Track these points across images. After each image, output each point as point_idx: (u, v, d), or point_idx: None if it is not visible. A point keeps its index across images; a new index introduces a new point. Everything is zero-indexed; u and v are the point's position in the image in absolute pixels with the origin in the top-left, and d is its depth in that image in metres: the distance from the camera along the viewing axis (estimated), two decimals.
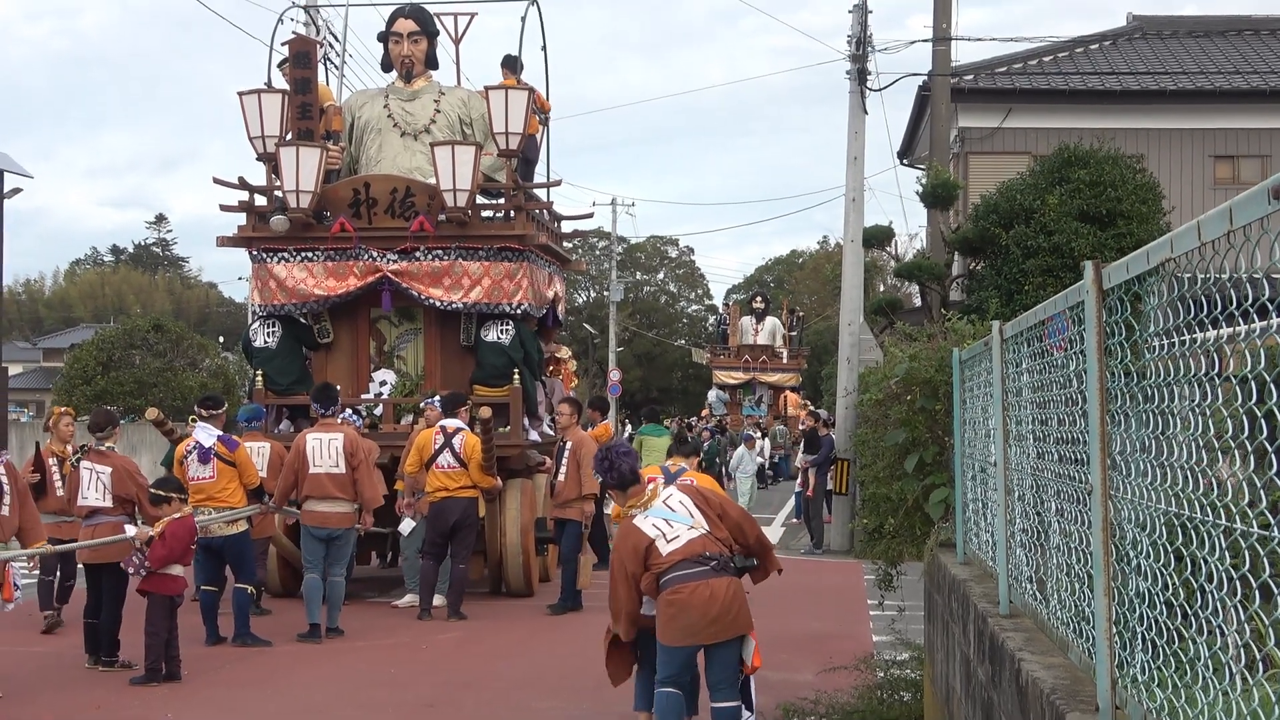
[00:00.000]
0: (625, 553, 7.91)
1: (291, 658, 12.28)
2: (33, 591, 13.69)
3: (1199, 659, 3.45)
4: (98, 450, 11.79)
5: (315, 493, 13.12)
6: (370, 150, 17.16)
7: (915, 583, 10.96)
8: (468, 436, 14.26)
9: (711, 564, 7.72)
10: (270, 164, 16.20)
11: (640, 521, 7.89)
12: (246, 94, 16.22)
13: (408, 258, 15.95)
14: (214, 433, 12.96)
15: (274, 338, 16.33)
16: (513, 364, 15.96)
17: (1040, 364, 5.74)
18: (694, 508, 7.91)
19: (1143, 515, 3.96)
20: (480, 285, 15.93)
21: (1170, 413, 3.67)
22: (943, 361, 9.76)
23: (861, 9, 23.12)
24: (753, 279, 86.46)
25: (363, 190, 16.17)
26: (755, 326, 45.37)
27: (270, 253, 16.19)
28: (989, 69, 29.93)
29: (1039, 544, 5.84)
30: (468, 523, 14.24)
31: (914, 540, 10.35)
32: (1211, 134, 28.67)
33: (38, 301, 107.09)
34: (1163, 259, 3.60)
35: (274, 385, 16.19)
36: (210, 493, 12.73)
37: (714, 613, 7.66)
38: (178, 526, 11.04)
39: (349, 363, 16.59)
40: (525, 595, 15.72)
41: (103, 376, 32.16)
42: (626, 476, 8.14)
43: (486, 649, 12.89)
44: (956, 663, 7.42)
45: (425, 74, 17.52)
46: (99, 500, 11.54)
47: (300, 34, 17.90)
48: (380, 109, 17.23)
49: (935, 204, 24.28)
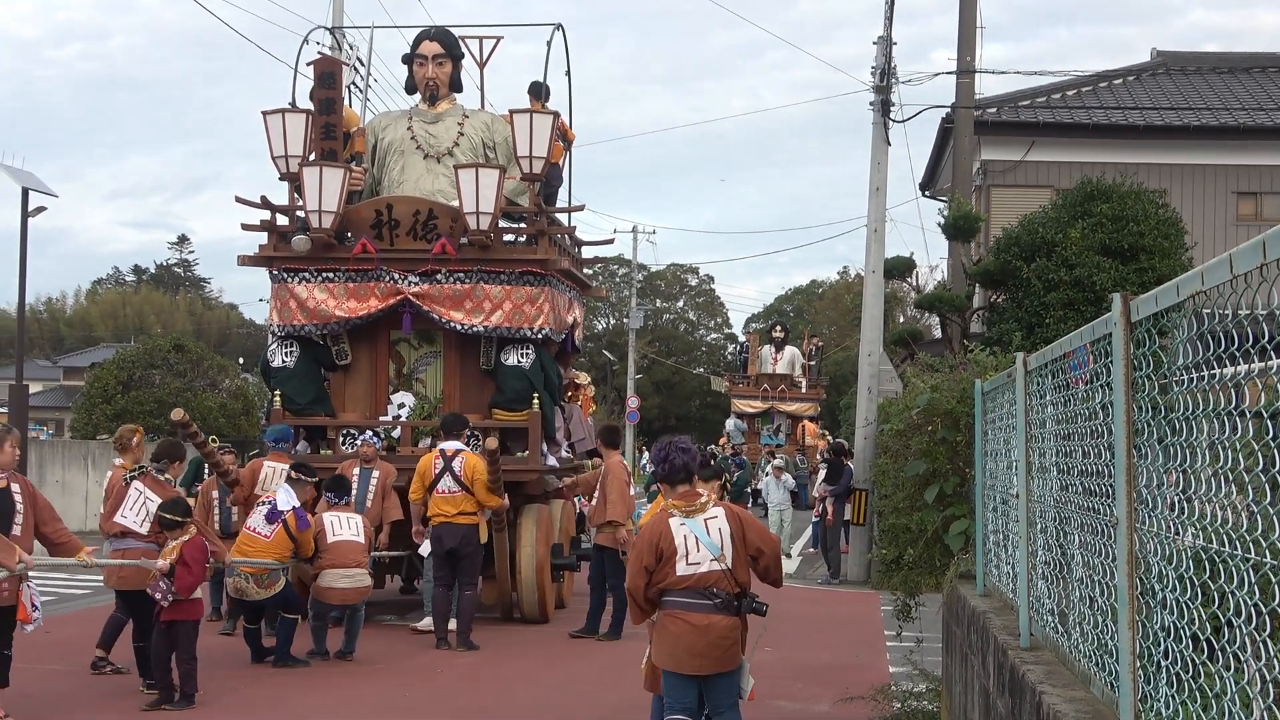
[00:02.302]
0: (646, 543, 7.76)
1: (304, 683, 12.19)
2: (52, 608, 13.64)
3: (1225, 693, 3.43)
4: (155, 477, 11.76)
5: (335, 562, 12.99)
6: (393, 172, 17.10)
7: (933, 614, 10.93)
8: (468, 458, 14.12)
9: (717, 600, 7.63)
10: (293, 184, 16.15)
11: (675, 525, 7.70)
12: (271, 114, 16.17)
13: (429, 280, 15.89)
14: (294, 502, 12.73)
15: (292, 358, 16.19)
16: (533, 388, 15.84)
17: (1064, 396, 5.73)
18: (729, 540, 7.70)
19: (1168, 548, 3.95)
20: (501, 309, 15.84)
21: (1197, 446, 3.67)
22: (964, 393, 9.75)
23: (886, 41, 23.14)
24: (772, 308, 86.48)
25: (385, 211, 16.10)
26: (774, 356, 45.30)
27: (291, 273, 16.11)
28: (1012, 102, 29.95)
29: (1061, 576, 5.82)
30: (467, 550, 14.05)
31: (933, 571, 10.32)
32: (1234, 170, 28.65)
33: (59, 320, 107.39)
34: (1193, 292, 3.59)
35: (291, 405, 16.03)
36: (253, 552, 12.50)
37: (701, 647, 7.60)
38: (194, 550, 10.82)
39: (367, 385, 16.50)
40: (540, 622, 15.60)
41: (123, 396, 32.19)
42: (678, 472, 7.92)
43: (503, 675, 12.82)
44: (975, 695, 7.39)
45: (449, 97, 17.49)
46: (136, 524, 11.47)
47: (325, 54, 17.78)
48: (404, 131, 17.18)
49: (957, 236, 24.27)
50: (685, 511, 7.76)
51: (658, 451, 8.08)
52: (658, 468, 8.04)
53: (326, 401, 16.27)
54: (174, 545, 10.81)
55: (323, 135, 16.41)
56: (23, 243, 25.13)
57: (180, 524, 10.94)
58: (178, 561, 10.70)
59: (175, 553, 10.75)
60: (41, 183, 25.86)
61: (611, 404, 70.91)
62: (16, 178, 24.91)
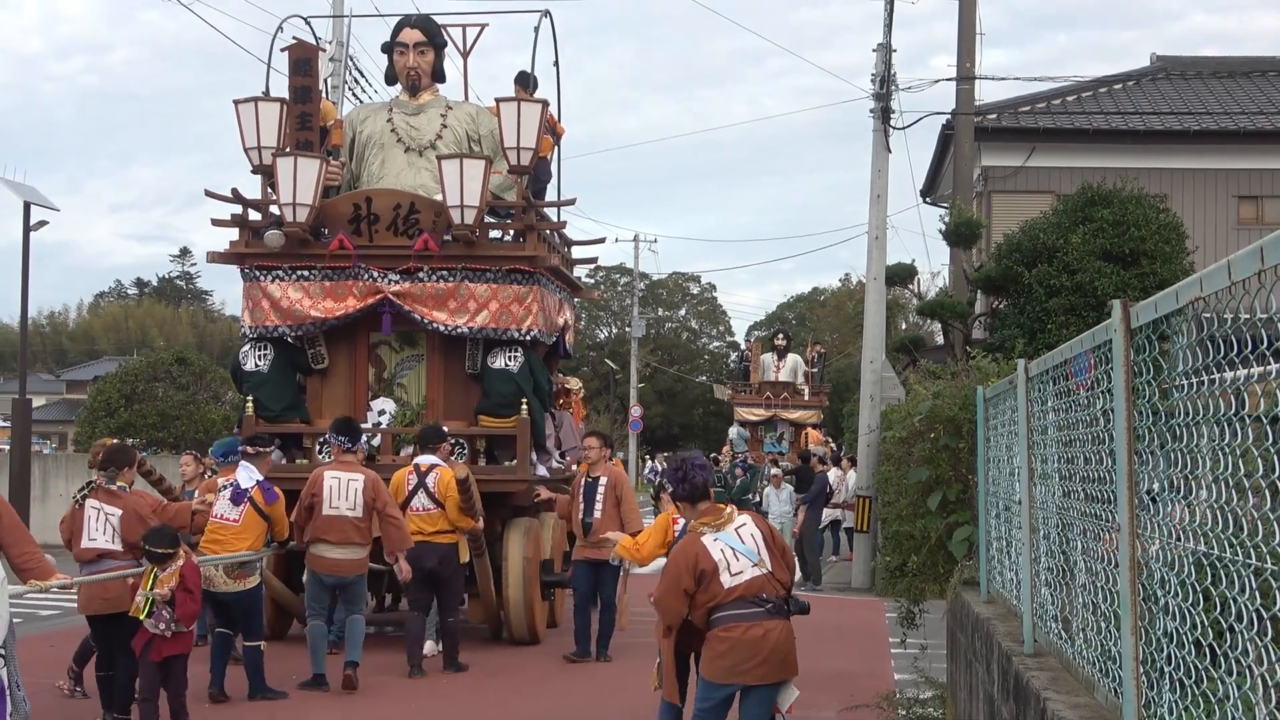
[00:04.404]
0: (683, 566, 7.68)
1: (294, 707, 11.59)
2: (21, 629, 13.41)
3: (1228, 699, 3.44)
4: (107, 489, 10.46)
5: (330, 536, 12.15)
6: (372, 166, 16.12)
7: (937, 621, 10.92)
8: (443, 473, 13.12)
9: (768, 605, 7.61)
10: (266, 176, 15.05)
11: (709, 542, 7.66)
12: (242, 102, 15.16)
13: (410, 278, 14.86)
14: (256, 476, 11.82)
15: (265, 361, 15.12)
16: (521, 394, 14.79)
17: (1066, 402, 5.74)
18: (763, 545, 7.71)
19: (1170, 554, 3.96)
20: (487, 309, 14.85)
21: (1198, 451, 3.67)
22: (966, 399, 9.76)
23: (885, 48, 23.17)
24: (774, 316, 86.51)
25: (364, 205, 15.06)
26: (777, 363, 45.20)
27: (264, 270, 15.04)
28: (1012, 108, 29.96)
29: (1064, 582, 5.83)
30: (449, 571, 13.12)
31: (936, 578, 10.32)
32: (1235, 174, 28.64)
33: (61, 334, 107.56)
34: (1192, 298, 3.60)
35: (265, 412, 14.93)
36: (227, 540, 11.52)
37: (764, 654, 7.55)
38: (194, 574, 10.10)
39: (346, 390, 15.39)
40: (530, 644, 14.84)
41: (126, 409, 32.19)
42: (699, 489, 7.89)
43: (497, 691, 12.65)
44: (980, 701, 7.39)
45: (432, 87, 16.56)
46: (108, 543, 10.30)
47: (300, 40, 16.46)
48: (383, 123, 16.25)
49: (958, 242, 24.29)
50: (714, 526, 7.73)
51: (674, 471, 8.05)
52: (677, 488, 7.99)
53: (302, 408, 15.27)
54: (172, 571, 9.90)
55: (298, 125, 15.38)
56: (25, 256, 25.16)
57: (171, 555, 9.94)
58: (179, 588, 9.86)
59: (175, 579, 9.88)
60: (43, 196, 25.86)
61: (615, 413, 70.90)
62: (18, 191, 24.92)
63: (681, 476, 7.94)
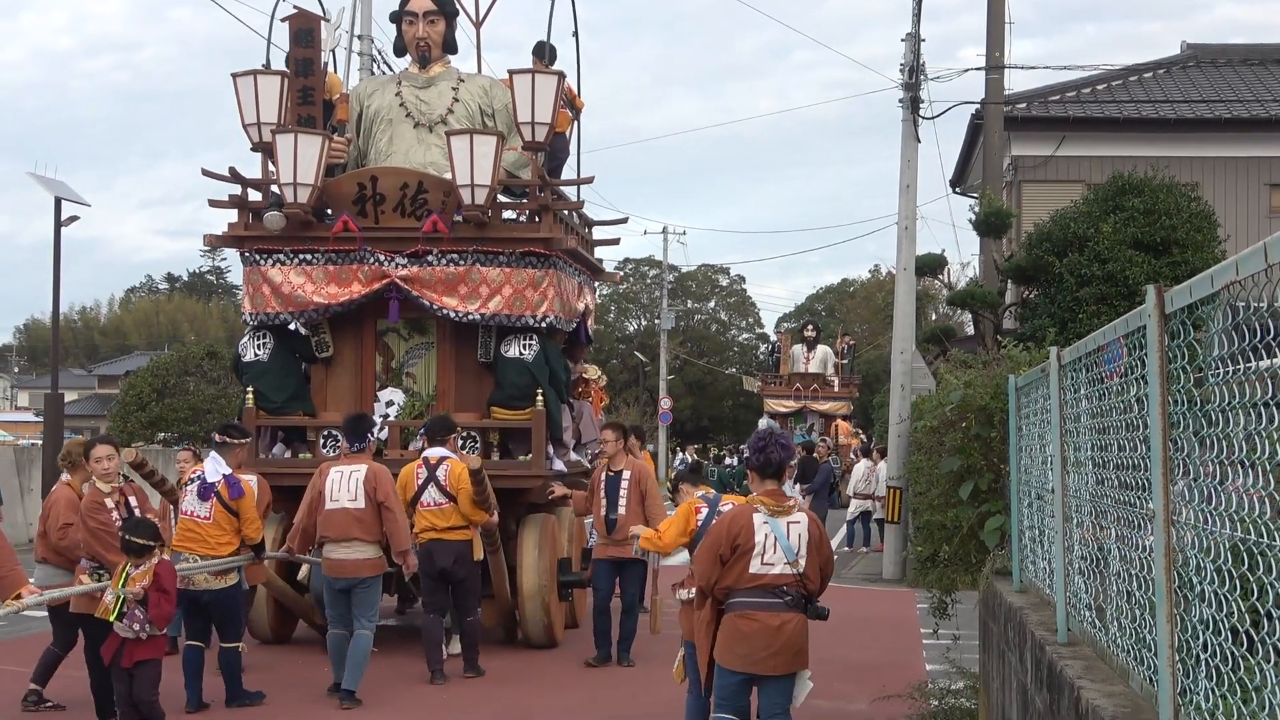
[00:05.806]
0: (726, 532, 7.72)
1: (295, 712, 11.16)
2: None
3: (1265, 686, 3.41)
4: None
5: (330, 533, 11.40)
6: (380, 143, 15.09)
7: (969, 611, 10.89)
8: (453, 465, 12.29)
9: (787, 598, 7.66)
10: (265, 154, 14.20)
11: (759, 521, 7.68)
12: (241, 76, 14.32)
13: (419, 262, 13.95)
14: (223, 469, 11.05)
15: (266, 350, 14.30)
16: (536, 383, 13.90)
17: (1099, 390, 5.71)
18: (805, 548, 7.72)
19: (1206, 541, 3.93)
20: (500, 294, 13.92)
21: (1233, 437, 3.65)
22: (998, 388, 9.72)
23: (914, 38, 23.07)
24: (804, 307, 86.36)
25: (369, 185, 14.09)
26: (806, 355, 45.24)
27: (264, 254, 14.16)
28: (1042, 97, 29.85)
29: (1098, 571, 5.80)
30: (464, 570, 12.34)
31: (969, 568, 10.29)
32: (1267, 162, 28.50)
33: (93, 329, 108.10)
34: (1227, 282, 3.58)
35: (266, 404, 14.13)
36: (201, 537, 10.89)
37: (777, 645, 7.61)
38: (167, 572, 9.37)
39: (352, 380, 14.53)
40: (547, 647, 14.03)
41: (157, 403, 32.38)
42: (772, 466, 7.87)
43: (515, 694, 12.24)
44: (1013, 691, 7.37)
45: (443, 59, 15.40)
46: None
47: (302, 9, 15.48)
48: (392, 97, 15.17)
49: (988, 232, 24.23)
50: (772, 510, 7.75)
51: (757, 441, 8.04)
52: (754, 456, 7.98)
53: (306, 399, 14.40)
54: (146, 569, 9.21)
55: (300, 100, 14.52)
56: (56, 252, 25.25)
57: (150, 548, 9.27)
58: (153, 587, 9.16)
59: (148, 577, 9.18)
60: (74, 192, 25.97)
61: (644, 405, 70.87)
62: (49, 187, 25.01)
63: (761, 447, 7.93)
